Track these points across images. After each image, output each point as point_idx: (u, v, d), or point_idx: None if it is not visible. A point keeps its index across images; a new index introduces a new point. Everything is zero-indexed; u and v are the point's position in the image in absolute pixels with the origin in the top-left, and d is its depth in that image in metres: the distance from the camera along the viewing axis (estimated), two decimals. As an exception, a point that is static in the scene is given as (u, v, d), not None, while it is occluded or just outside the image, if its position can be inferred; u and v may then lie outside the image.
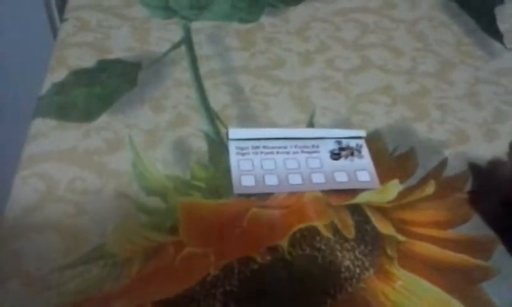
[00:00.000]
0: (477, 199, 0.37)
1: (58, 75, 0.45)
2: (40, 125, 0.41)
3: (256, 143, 0.40)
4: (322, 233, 0.35)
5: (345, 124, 0.43)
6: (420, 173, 0.40)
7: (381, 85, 0.47)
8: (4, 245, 0.34)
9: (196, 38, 0.50)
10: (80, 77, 0.45)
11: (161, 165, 0.39)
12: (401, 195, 0.38)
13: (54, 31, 0.61)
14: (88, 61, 0.47)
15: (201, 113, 0.43)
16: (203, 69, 0.47)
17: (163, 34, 0.50)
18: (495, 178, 0.39)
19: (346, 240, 0.35)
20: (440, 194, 0.38)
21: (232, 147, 0.40)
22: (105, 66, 0.46)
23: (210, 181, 0.38)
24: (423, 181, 0.39)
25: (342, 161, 0.40)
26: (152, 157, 0.40)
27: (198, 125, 0.42)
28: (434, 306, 0.32)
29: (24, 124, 0.42)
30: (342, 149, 0.40)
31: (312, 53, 0.50)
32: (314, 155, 0.40)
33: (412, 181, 0.39)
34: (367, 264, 0.34)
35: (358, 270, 0.33)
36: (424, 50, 0.51)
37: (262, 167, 0.39)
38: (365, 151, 0.40)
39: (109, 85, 0.45)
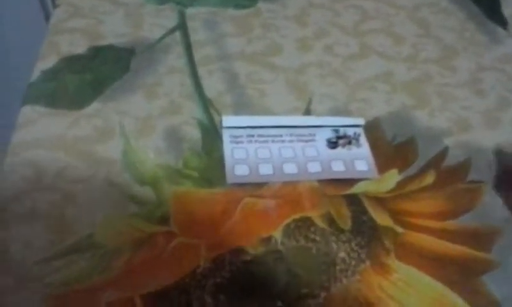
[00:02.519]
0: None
1: (49, 61, 0.44)
2: (29, 112, 0.40)
3: (251, 131, 0.39)
4: (317, 224, 0.34)
5: (343, 112, 0.42)
6: (420, 162, 0.38)
7: (380, 72, 0.46)
8: (-10, 235, 0.33)
9: (191, 24, 0.49)
10: (71, 63, 0.44)
11: (153, 153, 0.38)
12: (400, 185, 0.36)
13: (48, 18, 0.60)
14: (79, 47, 0.46)
15: (195, 100, 0.42)
16: (197, 55, 0.46)
17: (157, 20, 0.49)
18: None
19: (342, 231, 0.34)
20: (440, 184, 0.37)
21: (226, 135, 0.39)
22: (97, 52, 0.45)
23: (203, 170, 0.37)
24: (422, 171, 0.37)
25: (339, 150, 0.38)
26: (144, 145, 0.39)
27: (191, 112, 0.41)
28: (431, 298, 0.31)
29: (16, 111, 0.41)
30: (339, 137, 0.39)
31: (310, 39, 0.48)
32: (310, 143, 0.39)
33: (411, 170, 0.38)
34: (363, 256, 0.33)
35: (353, 262, 0.32)
36: (425, 37, 0.49)
37: (256, 156, 0.38)
38: (363, 139, 0.39)
39: (100, 71, 0.44)
